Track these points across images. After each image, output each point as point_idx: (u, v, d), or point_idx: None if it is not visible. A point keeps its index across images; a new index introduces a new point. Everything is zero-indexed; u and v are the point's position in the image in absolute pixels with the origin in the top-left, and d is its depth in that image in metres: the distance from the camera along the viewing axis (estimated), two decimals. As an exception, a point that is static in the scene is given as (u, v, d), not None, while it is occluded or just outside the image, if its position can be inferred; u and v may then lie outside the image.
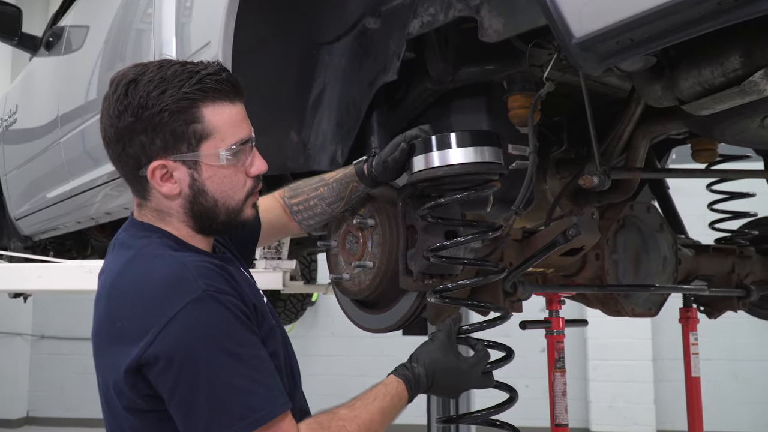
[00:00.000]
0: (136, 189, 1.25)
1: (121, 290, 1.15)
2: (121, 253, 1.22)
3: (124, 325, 1.11)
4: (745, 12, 0.85)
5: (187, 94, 1.15)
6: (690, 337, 3.10)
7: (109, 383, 1.14)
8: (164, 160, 1.17)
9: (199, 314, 1.07)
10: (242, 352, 1.09)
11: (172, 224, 1.24)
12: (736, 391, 6.18)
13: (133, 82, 1.16)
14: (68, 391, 7.50)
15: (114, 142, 1.19)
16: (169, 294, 1.08)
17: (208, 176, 1.20)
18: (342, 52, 1.77)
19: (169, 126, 1.15)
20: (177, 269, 1.12)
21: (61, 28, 3.24)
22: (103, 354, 1.18)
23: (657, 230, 2.04)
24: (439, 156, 1.37)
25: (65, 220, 3.28)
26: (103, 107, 1.20)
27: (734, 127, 1.54)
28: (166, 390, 1.06)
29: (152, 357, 1.05)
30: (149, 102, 1.14)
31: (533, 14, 1.24)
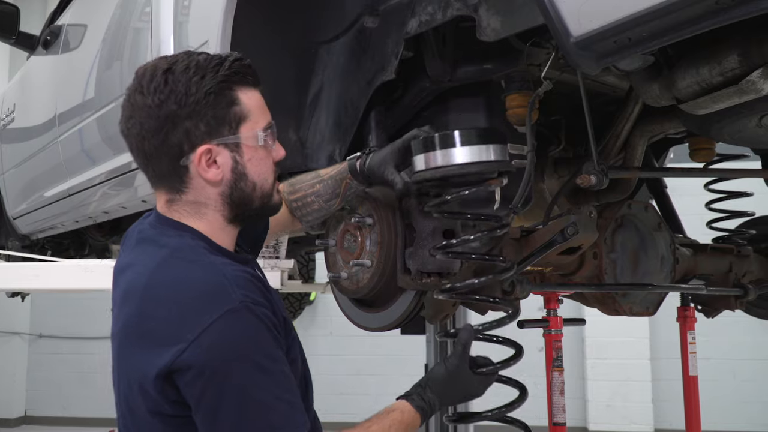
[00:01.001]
0: (171, 182, 1.22)
1: (156, 291, 1.13)
2: (152, 251, 1.19)
3: (157, 327, 1.10)
4: (742, 11, 0.85)
5: (226, 77, 1.18)
6: (687, 336, 3.10)
7: (134, 383, 1.12)
8: (209, 145, 1.18)
9: (234, 326, 1.07)
10: (271, 368, 1.09)
11: (207, 217, 1.23)
12: (734, 390, 6.19)
13: (169, 71, 1.16)
14: (66, 390, 7.50)
15: (154, 134, 1.17)
16: (206, 302, 1.08)
17: (249, 158, 1.21)
18: (340, 51, 1.77)
19: (212, 110, 1.17)
20: (215, 276, 1.11)
21: (59, 27, 3.23)
22: (129, 353, 1.15)
23: (655, 229, 2.04)
24: (442, 155, 1.35)
25: (63, 219, 3.28)
26: (133, 102, 1.19)
27: (732, 126, 1.54)
28: (194, 399, 1.06)
29: (184, 365, 1.05)
30: (191, 87, 1.15)
31: (531, 13, 1.24)
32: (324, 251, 1.71)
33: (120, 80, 2.40)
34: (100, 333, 7.17)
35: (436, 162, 1.35)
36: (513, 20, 1.31)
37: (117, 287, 1.25)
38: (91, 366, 7.39)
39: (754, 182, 2.21)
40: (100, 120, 2.57)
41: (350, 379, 6.82)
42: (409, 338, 4.06)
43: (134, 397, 1.13)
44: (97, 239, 3.63)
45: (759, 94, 1.17)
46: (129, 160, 2.33)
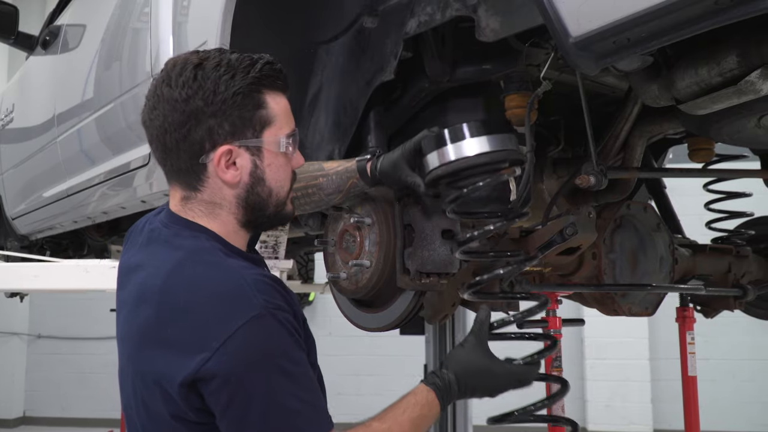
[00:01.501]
0: (187, 180, 1.20)
1: (175, 296, 1.11)
2: (166, 252, 1.17)
3: (178, 334, 1.08)
4: (741, 11, 0.85)
5: (256, 79, 1.16)
6: (687, 336, 3.11)
7: (155, 388, 1.10)
8: (230, 146, 1.16)
9: (258, 332, 1.05)
10: (295, 371, 1.08)
11: (221, 218, 1.20)
12: (733, 391, 6.19)
13: (200, 66, 1.15)
14: (65, 391, 7.50)
15: (177, 128, 1.15)
16: (229, 309, 1.06)
17: (268, 163, 1.20)
18: (339, 52, 1.77)
19: (238, 110, 1.15)
20: (236, 281, 1.09)
21: (58, 27, 3.23)
22: (147, 357, 1.12)
23: (654, 230, 2.04)
24: (453, 149, 1.34)
25: (62, 220, 3.28)
26: (159, 93, 1.17)
27: (731, 127, 1.54)
28: (220, 406, 1.04)
29: (209, 373, 1.03)
30: (220, 86, 1.14)
31: (530, 13, 1.24)
32: (323, 251, 1.71)
33: (119, 80, 2.40)
34: (99, 333, 7.18)
35: (448, 157, 1.34)
36: (512, 21, 1.31)
37: (126, 287, 1.22)
38: (90, 366, 7.39)
39: (753, 182, 2.21)
40: (99, 120, 2.57)
41: (349, 379, 6.82)
42: (409, 338, 4.05)
43: (155, 401, 1.11)
44: (95, 239, 3.63)
45: (758, 94, 1.17)
46: (128, 160, 2.33)
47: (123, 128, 2.38)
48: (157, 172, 2.15)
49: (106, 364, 7.03)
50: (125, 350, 1.20)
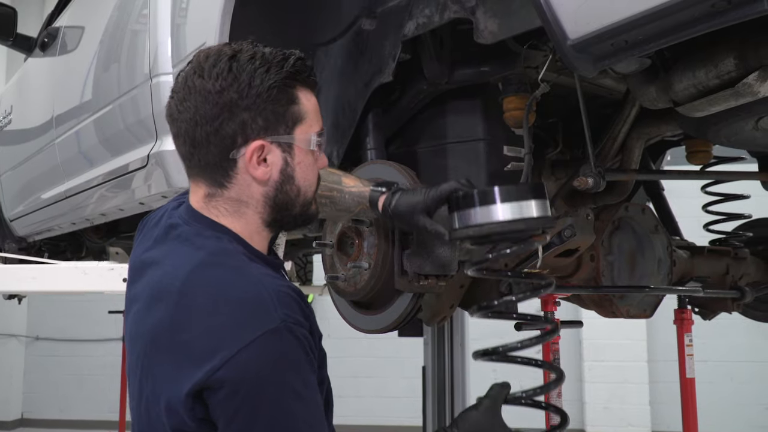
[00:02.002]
0: (214, 176, 1.15)
1: (193, 299, 1.06)
2: (186, 251, 1.13)
3: (192, 340, 1.03)
4: (738, 14, 0.85)
5: (290, 74, 1.13)
6: (685, 338, 3.11)
7: (161, 395, 1.06)
8: (263, 141, 1.12)
9: (274, 347, 1.01)
10: (305, 394, 1.04)
11: (246, 217, 1.16)
12: (732, 393, 6.20)
13: (234, 58, 1.11)
14: (63, 393, 7.49)
15: (209, 120, 1.11)
16: (247, 319, 1.02)
17: (299, 161, 1.16)
18: (338, 53, 1.78)
19: (272, 105, 1.12)
20: (257, 290, 1.06)
21: (56, 29, 3.23)
22: (159, 362, 1.08)
23: (652, 232, 2.05)
24: (483, 212, 1.29)
25: (60, 221, 3.27)
26: (190, 84, 1.13)
27: (729, 129, 1.54)
28: (224, 417, 1.00)
29: (217, 382, 0.99)
30: (256, 79, 1.10)
31: (528, 16, 1.25)
32: (321, 253, 1.71)
33: (117, 82, 2.40)
34: (98, 335, 7.17)
35: (476, 219, 1.30)
36: (510, 23, 1.31)
37: (139, 282, 1.18)
38: (88, 368, 7.38)
39: (751, 185, 2.21)
40: (98, 122, 2.57)
41: (348, 381, 6.81)
42: (407, 340, 4.06)
43: (158, 410, 1.07)
44: (94, 241, 3.63)
45: (755, 96, 1.17)
46: (126, 162, 2.33)
47: (121, 130, 2.38)
48: (156, 173, 2.15)
49: (105, 366, 7.02)
50: (135, 348, 1.15)
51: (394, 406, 6.60)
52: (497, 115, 1.64)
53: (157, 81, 2.04)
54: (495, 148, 1.65)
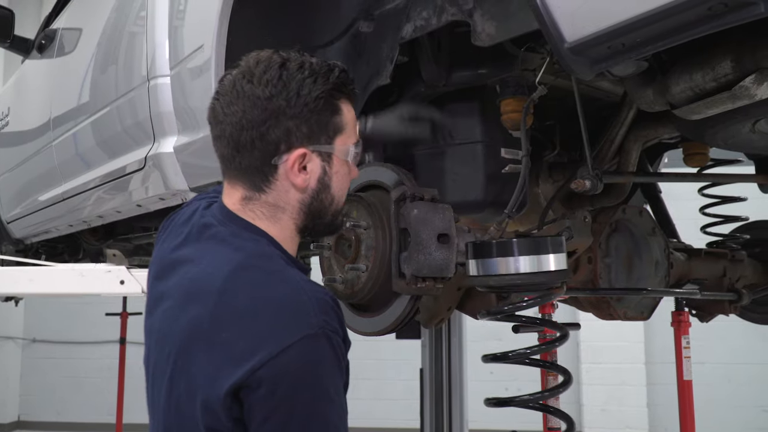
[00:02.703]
0: (254, 180, 1.17)
1: (234, 299, 1.08)
2: (224, 251, 1.14)
3: (232, 340, 1.05)
4: (735, 17, 0.86)
5: (335, 85, 1.16)
6: (682, 340, 3.12)
7: (197, 394, 1.07)
8: (305, 149, 1.15)
9: (311, 352, 1.05)
10: (336, 400, 1.07)
11: (281, 222, 1.19)
12: (729, 395, 6.20)
13: (284, 66, 1.14)
14: (60, 395, 7.47)
15: (256, 125, 1.13)
16: (287, 322, 1.05)
17: (336, 171, 1.20)
18: (335, 55, 1.78)
19: (317, 115, 1.15)
20: (298, 295, 1.09)
21: (54, 31, 3.23)
22: (196, 360, 1.09)
23: (649, 234, 2.05)
24: (502, 263, 1.35)
25: (57, 224, 3.27)
26: (239, 89, 1.15)
27: (726, 132, 1.55)
28: (259, 416, 1.02)
29: (255, 381, 1.02)
30: (304, 88, 1.13)
31: (526, 18, 1.25)
32: (319, 255, 1.71)
33: (115, 84, 2.40)
34: (95, 338, 7.16)
35: (497, 269, 1.36)
36: (508, 25, 1.32)
37: (169, 279, 1.19)
38: (85, 371, 7.36)
39: (748, 187, 2.22)
40: (95, 124, 2.57)
41: (345, 383, 6.80)
42: (405, 343, 4.05)
43: (193, 406, 1.07)
44: (91, 243, 3.62)
45: (752, 99, 1.17)
46: (124, 164, 2.33)
47: (119, 132, 2.38)
48: (153, 176, 2.15)
49: (102, 369, 7.01)
50: (165, 346, 1.15)
51: (392, 408, 6.59)
52: (495, 118, 1.64)
53: (154, 83, 2.04)
54: (492, 150, 1.66)
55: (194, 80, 1.83)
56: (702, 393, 3.70)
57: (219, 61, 1.69)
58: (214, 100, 1.19)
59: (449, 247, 1.44)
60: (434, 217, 1.45)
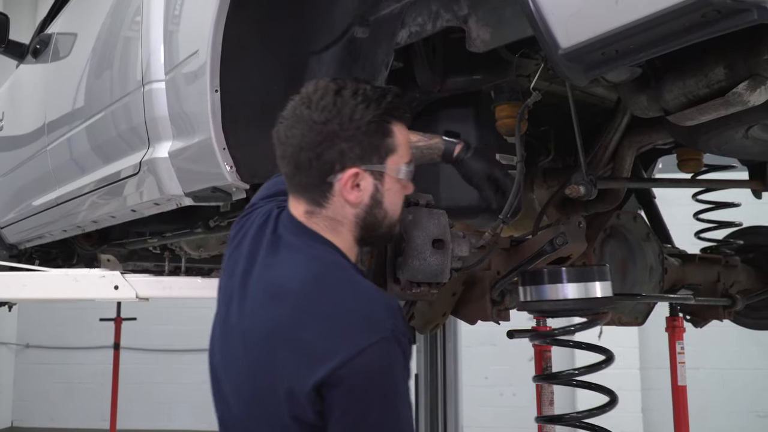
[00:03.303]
0: (313, 196, 1.28)
1: (316, 303, 1.19)
2: (302, 260, 1.25)
3: (314, 340, 1.15)
4: (728, 24, 0.86)
5: (386, 110, 1.26)
6: (676, 346, 3.12)
7: (279, 387, 1.16)
8: (357, 169, 1.25)
9: (387, 354, 1.14)
10: (406, 399, 1.18)
11: (341, 235, 1.29)
12: (724, 400, 6.21)
13: (339, 93, 1.24)
14: (53, 401, 7.44)
15: (312, 147, 1.24)
16: (365, 326, 1.16)
17: (388, 188, 1.29)
18: (331, 61, 1.78)
19: (369, 137, 1.25)
20: (372, 301, 1.20)
21: (49, 36, 3.22)
22: (278, 354, 1.18)
23: (643, 239, 2.05)
24: (552, 289, 1.51)
25: (51, 229, 3.26)
26: (299, 113, 1.26)
27: (719, 138, 1.55)
28: (337, 412, 1.12)
29: (336, 380, 1.11)
30: (356, 113, 1.23)
31: (520, 25, 1.25)
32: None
33: (110, 89, 2.39)
34: (88, 343, 7.13)
35: (547, 295, 1.52)
36: (502, 32, 1.32)
37: (249, 278, 1.27)
38: (78, 376, 7.33)
39: (742, 193, 2.23)
40: (90, 129, 2.57)
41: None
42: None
43: (276, 397, 1.16)
44: (85, 249, 3.61)
45: (745, 106, 1.18)
46: (118, 169, 2.33)
47: (113, 137, 2.38)
48: (148, 181, 2.14)
49: (95, 374, 6.98)
50: (242, 339, 1.24)
51: (387, 413, 6.58)
52: (489, 123, 1.65)
53: (149, 88, 2.03)
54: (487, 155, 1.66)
55: (189, 85, 1.83)
56: (697, 398, 3.70)
57: (214, 67, 1.69)
58: (278, 124, 1.30)
59: (444, 253, 1.45)
60: (429, 222, 1.45)
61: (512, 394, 6.22)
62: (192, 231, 2.79)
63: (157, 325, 6.89)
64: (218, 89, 1.71)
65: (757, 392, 6.26)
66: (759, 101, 1.17)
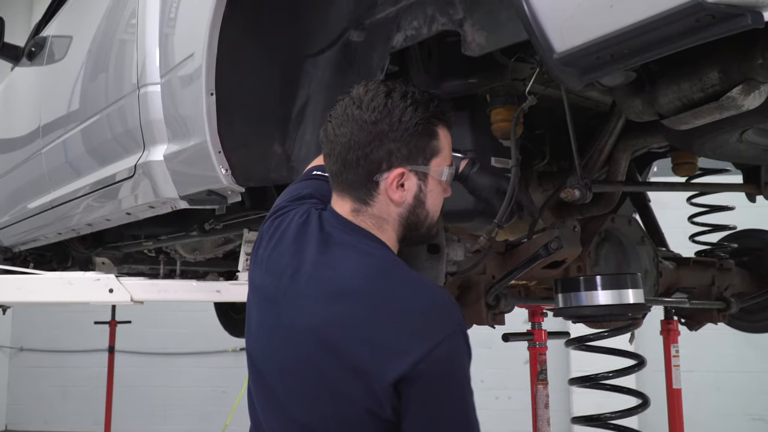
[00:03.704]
0: (359, 194, 1.31)
1: (388, 300, 1.21)
2: (357, 256, 1.27)
3: (389, 336, 1.18)
4: (722, 29, 0.86)
5: (433, 113, 1.31)
6: (671, 349, 3.13)
7: (356, 381, 1.17)
8: (403, 168, 1.29)
9: (456, 347, 1.19)
10: (471, 388, 1.22)
11: (387, 232, 1.33)
12: (718, 403, 6.22)
13: (389, 95, 1.28)
14: (47, 404, 7.41)
15: (362, 146, 1.28)
16: (435, 320, 1.20)
17: (430, 189, 1.33)
18: (326, 65, 1.78)
19: (416, 139, 1.29)
20: (437, 296, 1.24)
21: (44, 39, 3.22)
22: (350, 351, 1.19)
23: (638, 243, 2.06)
24: (588, 296, 1.61)
25: (46, 231, 3.25)
26: (349, 113, 1.29)
27: (714, 142, 1.56)
28: (416, 405, 1.15)
29: (416, 374, 1.14)
30: (406, 115, 1.27)
31: (515, 29, 1.26)
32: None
33: (105, 92, 2.39)
34: (83, 346, 7.10)
35: (583, 301, 1.62)
36: (497, 36, 1.32)
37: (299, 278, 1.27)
38: (73, 380, 7.31)
39: (736, 196, 2.23)
40: (85, 132, 2.56)
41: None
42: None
43: (350, 391, 1.18)
44: (80, 252, 3.60)
45: (739, 110, 1.18)
46: (114, 172, 2.32)
47: (109, 140, 2.37)
48: (143, 184, 2.14)
49: (90, 378, 6.95)
50: (302, 338, 1.23)
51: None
52: (485, 127, 1.65)
53: (144, 91, 2.03)
54: (483, 159, 1.66)
55: (184, 88, 1.83)
56: (691, 401, 3.70)
57: (209, 70, 1.69)
58: (327, 122, 1.34)
59: (439, 257, 1.45)
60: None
61: (507, 398, 6.22)
62: (187, 234, 2.78)
63: (152, 328, 6.87)
64: (214, 92, 1.70)
65: (752, 395, 6.27)
66: (753, 105, 1.17)
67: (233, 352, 6.76)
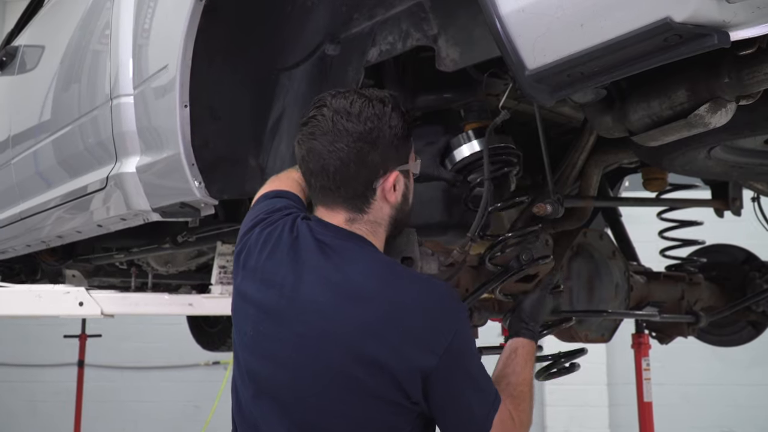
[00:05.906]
0: (357, 203, 1.34)
1: (406, 297, 1.27)
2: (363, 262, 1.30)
3: (412, 331, 1.24)
4: (689, 48, 0.88)
5: (406, 111, 1.37)
6: (642, 362, 3.16)
7: (379, 375, 1.22)
8: (397, 171, 1.35)
9: (468, 328, 1.33)
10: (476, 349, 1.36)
11: (380, 235, 1.38)
12: (688, 415, 6.28)
13: (371, 103, 1.32)
14: (15, 420, 7.25)
15: (360, 157, 1.31)
16: (448, 312, 1.29)
17: (411, 184, 1.41)
18: (301, 78, 1.78)
19: (403, 140, 1.35)
20: (443, 289, 1.32)
21: (16, 48, 3.18)
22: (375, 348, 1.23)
23: (610, 257, 2.08)
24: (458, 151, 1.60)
25: (14, 243, 3.20)
26: (340, 128, 1.30)
27: (682, 158, 1.59)
28: (443, 388, 1.25)
29: (442, 363, 1.23)
30: (393, 120, 1.33)
31: (489, 45, 1.27)
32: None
33: (77, 103, 2.36)
34: (51, 361, 6.98)
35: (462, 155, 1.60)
36: (471, 51, 1.34)
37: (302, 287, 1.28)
38: (41, 395, 7.16)
39: (705, 212, 2.27)
40: (56, 142, 2.53)
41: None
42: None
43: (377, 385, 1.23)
44: (49, 264, 3.55)
45: (707, 127, 1.20)
46: (85, 183, 2.30)
47: (81, 151, 2.35)
48: (115, 195, 2.12)
49: (59, 392, 6.82)
50: (322, 345, 1.25)
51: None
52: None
53: (117, 102, 2.01)
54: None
55: (158, 100, 1.82)
56: (662, 414, 3.74)
57: (183, 81, 1.68)
58: (311, 140, 1.33)
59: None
60: (398, 240, 1.46)
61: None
62: (159, 246, 2.76)
63: (123, 341, 6.77)
64: (188, 104, 1.70)
65: (721, 408, 6.35)
66: (720, 123, 1.20)
67: (206, 366, 6.69)
